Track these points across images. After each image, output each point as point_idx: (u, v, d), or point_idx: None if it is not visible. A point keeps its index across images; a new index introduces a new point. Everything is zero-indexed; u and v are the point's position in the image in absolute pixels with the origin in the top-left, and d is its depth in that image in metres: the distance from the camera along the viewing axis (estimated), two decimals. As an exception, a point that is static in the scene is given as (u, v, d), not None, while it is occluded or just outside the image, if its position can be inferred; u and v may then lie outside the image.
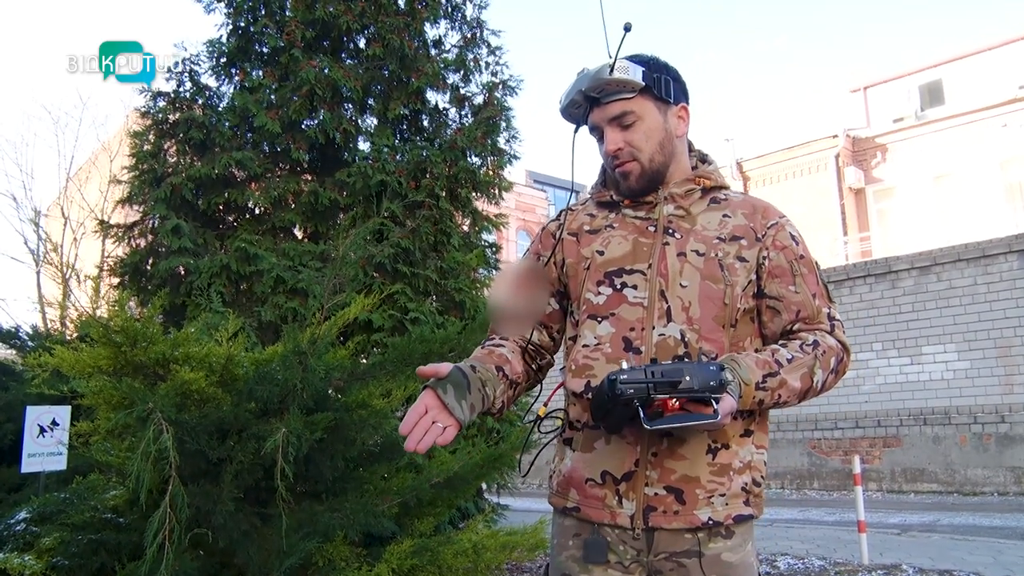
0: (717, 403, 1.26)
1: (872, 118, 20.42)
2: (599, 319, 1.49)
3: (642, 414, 1.25)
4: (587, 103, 1.53)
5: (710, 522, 1.40)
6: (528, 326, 1.62)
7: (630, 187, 1.54)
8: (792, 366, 1.41)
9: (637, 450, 1.41)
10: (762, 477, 1.48)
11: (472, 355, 1.57)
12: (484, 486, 5.38)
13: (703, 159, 1.63)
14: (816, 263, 1.55)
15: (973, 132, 17.94)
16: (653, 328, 1.44)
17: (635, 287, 1.48)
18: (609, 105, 1.51)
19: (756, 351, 1.46)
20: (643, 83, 1.49)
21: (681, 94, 1.57)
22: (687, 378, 1.24)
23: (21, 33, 50.63)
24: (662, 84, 1.53)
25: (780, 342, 1.48)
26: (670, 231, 1.51)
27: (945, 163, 18.30)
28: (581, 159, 1.66)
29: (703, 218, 1.53)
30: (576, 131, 1.63)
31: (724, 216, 1.53)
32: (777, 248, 1.51)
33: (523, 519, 4.42)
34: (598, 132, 1.55)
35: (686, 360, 1.39)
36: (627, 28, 1.44)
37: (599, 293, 1.50)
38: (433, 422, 1.35)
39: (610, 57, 1.47)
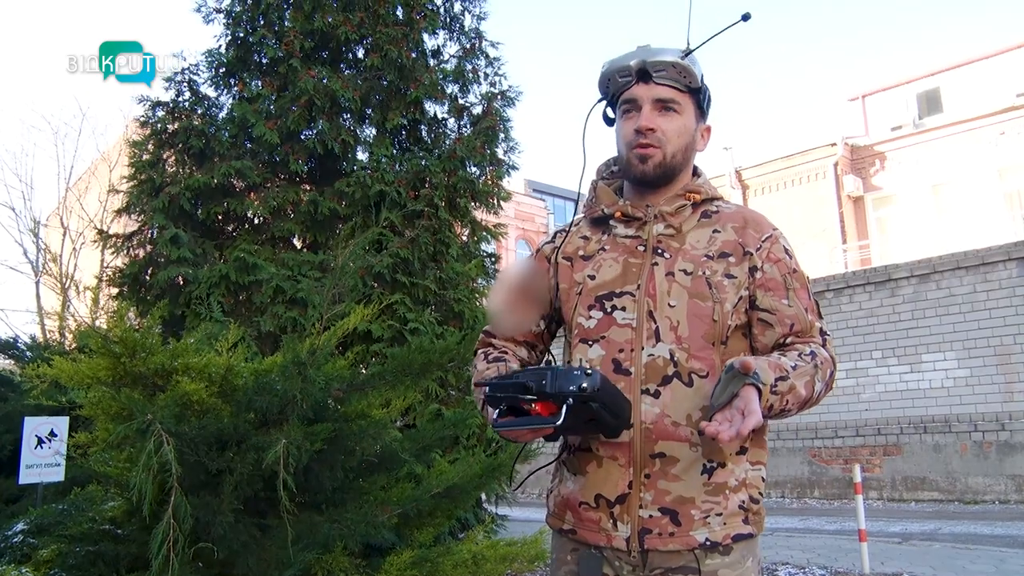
0: (567, 410, 1.23)
1: (870, 126, 20.45)
2: (590, 343, 1.49)
3: (494, 416, 1.29)
4: (636, 76, 1.51)
5: (707, 543, 1.38)
6: (518, 339, 1.64)
7: (644, 172, 1.52)
8: (797, 373, 1.38)
9: (630, 472, 1.40)
10: (760, 494, 1.46)
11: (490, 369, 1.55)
12: (483, 496, 5.36)
13: (693, 171, 1.63)
14: (807, 277, 1.55)
15: (971, 140, 17.96)
16: (643, 349, 1.43)
17: (624, 309, 1.47)
18: (661, 86, 1.50)
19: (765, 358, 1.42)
20: (700, 84, 1.52)
21: (708, 116, 1.60)
22: (532, 384, 1.25)
23: (20, 37, 50.68)
24: (707, 97, 1.56)
25: (776, 353, 1.46)
26: (659, 251, 1.51)
27: (943, 171, 18.32)
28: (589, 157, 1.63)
29: (692, 236, 1.52)
30: (598, 102, 1.60)
31: (714, 232, 1.52)
32: (771, 261, 1.50)
33: (523, 529, 4.40)
34: (632, 106, 1.53)
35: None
36: (745, 18, 1.44)
37: (590, 317, 1.50)
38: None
39: (689, 44, 1.49)
